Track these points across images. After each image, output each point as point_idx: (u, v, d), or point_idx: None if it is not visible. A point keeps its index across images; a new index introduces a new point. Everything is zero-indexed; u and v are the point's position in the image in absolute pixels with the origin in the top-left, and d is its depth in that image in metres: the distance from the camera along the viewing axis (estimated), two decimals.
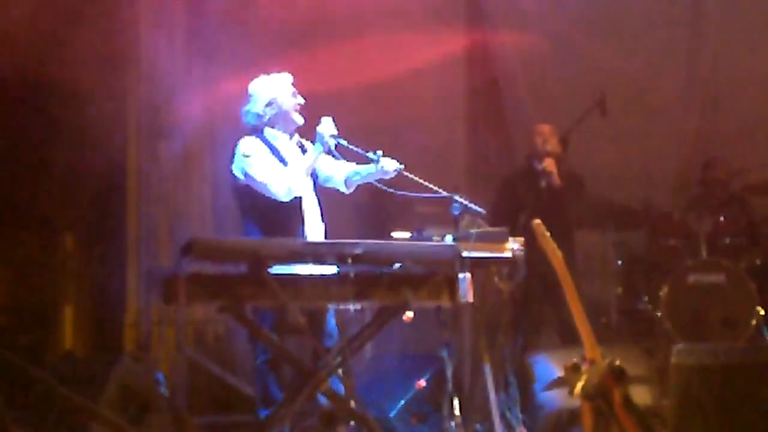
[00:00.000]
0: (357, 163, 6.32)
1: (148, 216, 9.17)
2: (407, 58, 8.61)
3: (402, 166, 6.13)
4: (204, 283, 5.30)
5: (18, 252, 9.30)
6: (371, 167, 6.18)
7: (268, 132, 6.23)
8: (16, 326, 8.87)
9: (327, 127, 6.11)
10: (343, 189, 6.42)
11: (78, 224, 9.78)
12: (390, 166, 6.11)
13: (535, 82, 9.63)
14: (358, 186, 6.45)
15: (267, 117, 6.23)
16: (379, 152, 6.14)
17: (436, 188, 6.17)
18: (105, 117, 9.26)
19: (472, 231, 6.04)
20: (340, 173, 6.36)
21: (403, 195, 6.39)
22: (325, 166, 6.34)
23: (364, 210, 8.06)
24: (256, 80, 6.31)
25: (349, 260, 5.45)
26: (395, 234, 6.12)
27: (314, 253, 5.43)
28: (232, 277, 5.37)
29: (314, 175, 6.30)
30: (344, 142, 6.16)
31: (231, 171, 6.16)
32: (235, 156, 6.16)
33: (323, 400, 5.84)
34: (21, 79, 8.63)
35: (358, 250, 5.47)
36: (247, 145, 6.14)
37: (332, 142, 6.12)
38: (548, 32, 9.40)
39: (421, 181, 6.11)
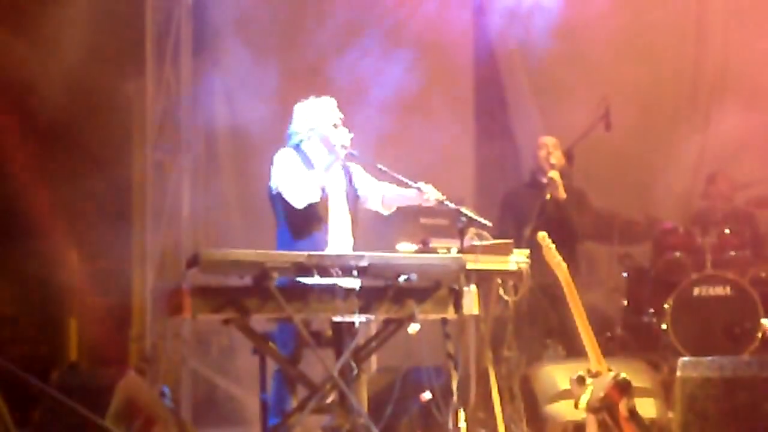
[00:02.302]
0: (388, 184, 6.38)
1: (154, 229, 9.19)
2: (416, 70, 8.61)
3: (444, 197, 6.15)
4: (209, 295, 5.31)
5: (23, 266, 9.31)
6: (411, 192, 6.22)
7: (306, 146, 6.27)
8: (21, 339, 8.88)
9: (339, 137, 6.14)
10: (381, 210, 6.46)
11: (83, 238, 9.79)
12: (432, 195, 6.15)
13: (542, 94, 9.64)
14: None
15: (305, 134, 6.28)
16: (421, 183, 6.17)
17: (443, 199, 6.19)
18: (110, 132, 9.30)
19: (477, 243, 6.04)
20: (377, 194, 6.40)
21: (408, 207, 6.42)
22: (362, 186, 6.38)
23: (369, 222, 8.05)
24: (299, 102, 6.36)
25: (355, 273, 5.46)
26: (400, 246, 6.13)
27: (319, 266, 5.44)
28: (237, 289, 5.38)
29: (352, 192, 6.32)
30: (356, 154, 6.18)
31: (269, 181, 6.22)
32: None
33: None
34: (26, 95, 8.67)
35: (363, 263, 5.48)
36: (279, 156, 6.23)
37: (343, 153, 6.14)
38: (555, 44, 9.39)
39: (444, 199, 6.13)
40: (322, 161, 6.20)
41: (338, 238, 6.18)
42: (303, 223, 6.12)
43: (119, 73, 9.11)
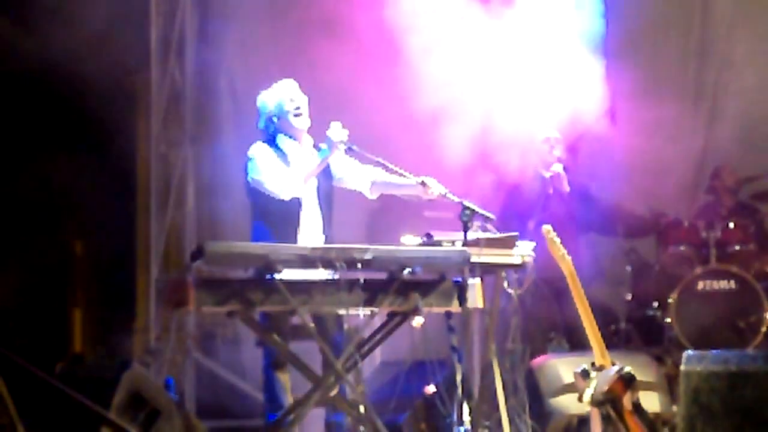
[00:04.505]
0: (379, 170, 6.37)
1: (158, 222, 9.19)
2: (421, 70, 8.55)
3: (447, 191, 6.14)
4: (213, 288, 5.31)
5: (28, 257, 9.32)
6: (411, 182, 6.21)
7: (279, 139, 6.29)
8: (25, 331, 8.88)
9: (335, 132, 6.12)
10: (366, 193, 6.46)
11: (87, 230, 9.79)
12: (436, 189, 6.14)
13: None
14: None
15: (273, 127, 6.29)
16: (423, 178, 6.17)
17: (446, 193, 6.18)
18: (115, 124, 9.29)
19: (482, 236, 6.04)
20: (362, 176, 6.39)
21: (412, 199, 6.42)
22: (340, 168, 6.36)
23: (373, 214, 8.05)
24: (260, 94, 6.37)
25: (359, 265, 5.46)
26: (404, 239, 6.12)
27: (324, 259, 5.43)
28: (241, 281, 5.38)
29: (325, 188, 6.30)
30: (356, 148, 6.16)
31: (245, 175, 6.22)
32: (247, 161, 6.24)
33: None
34: (30, 86, 8.67)
35: (367, 255, 5.47)
36: (254, 149, 6.26)
37: (342, 147, 6.12)
38: None
39: (447, 192, 6.12)
40: (299, 153, 6.19)
41: (308, 236, 6.16)
42: (277, 219, 6.14)
43: (124, 65, 9.10)
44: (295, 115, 6.27)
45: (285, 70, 7.66)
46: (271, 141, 6.30)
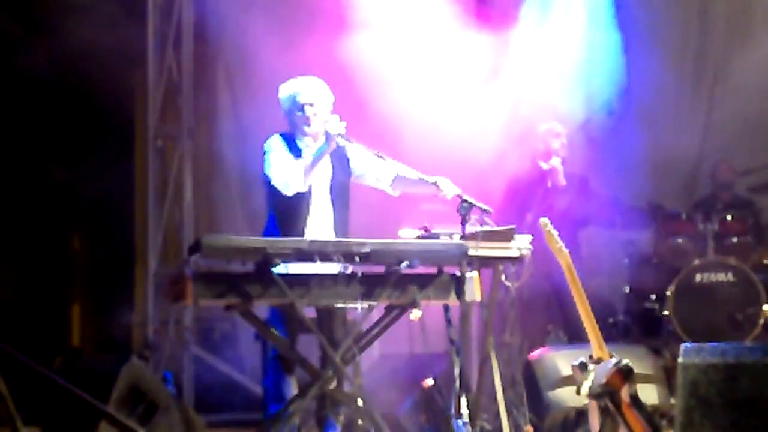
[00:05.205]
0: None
1: (155, 216, 9.19)
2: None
3: (461, 191, 6.13)
4: (211, 281, 5.32)
5: (26, 251, 9.33)
6: (424, 181, 6.21)
7: (298, 134, 6.24)
8: (24, 325, 8.90)
9: (333, 125, 6.10)
10: (388, 190, 6.42)
11: (86, 224, 9.80)
12: (450, 191, 6.13)
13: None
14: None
15: (290, 121, 6.26)
16: (437, 178, 6.16)
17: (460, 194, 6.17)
18: (112, 118, 9.29)
19: (479, 229, 6.04)
20: (383, 173, 6.37)
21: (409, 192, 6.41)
22: (359, 164, 6.33)
23: (371, 208, 8.04)
24: (280, 87, 6.33)
25: (357, 259, 5.47)
26: (402, 232, 6.12)
27: (321, 252, 5.44)
28: (239, 275, 5.38)
29: (338, 184, 6.27)
30: (354, 141, 6.14)
31: (262, 169, 6.21)
32: None
33: None
34: (26, 82, 8.67)
35: (365, 249, 5.48)
36: (268, 142, 6.20)
37: (340, 141, 6.11)
38: None
39: (461, 192, 6.12)
40: (311, 150, 6.17)
41: (316, 231, 6.14)
42: (286, 213, 6.10)
43: (121, 59, 9.10)
44: (304, 123, 6.22)
45: (283, 62, 7.69)
46: (290, 135, 6.25)
